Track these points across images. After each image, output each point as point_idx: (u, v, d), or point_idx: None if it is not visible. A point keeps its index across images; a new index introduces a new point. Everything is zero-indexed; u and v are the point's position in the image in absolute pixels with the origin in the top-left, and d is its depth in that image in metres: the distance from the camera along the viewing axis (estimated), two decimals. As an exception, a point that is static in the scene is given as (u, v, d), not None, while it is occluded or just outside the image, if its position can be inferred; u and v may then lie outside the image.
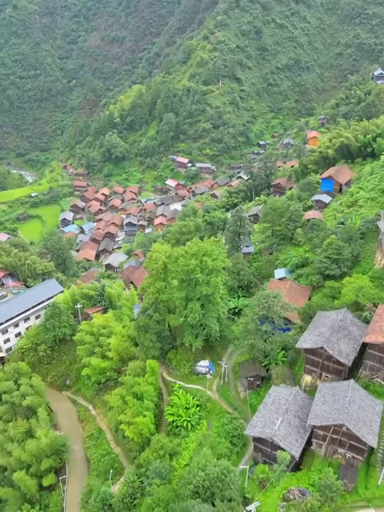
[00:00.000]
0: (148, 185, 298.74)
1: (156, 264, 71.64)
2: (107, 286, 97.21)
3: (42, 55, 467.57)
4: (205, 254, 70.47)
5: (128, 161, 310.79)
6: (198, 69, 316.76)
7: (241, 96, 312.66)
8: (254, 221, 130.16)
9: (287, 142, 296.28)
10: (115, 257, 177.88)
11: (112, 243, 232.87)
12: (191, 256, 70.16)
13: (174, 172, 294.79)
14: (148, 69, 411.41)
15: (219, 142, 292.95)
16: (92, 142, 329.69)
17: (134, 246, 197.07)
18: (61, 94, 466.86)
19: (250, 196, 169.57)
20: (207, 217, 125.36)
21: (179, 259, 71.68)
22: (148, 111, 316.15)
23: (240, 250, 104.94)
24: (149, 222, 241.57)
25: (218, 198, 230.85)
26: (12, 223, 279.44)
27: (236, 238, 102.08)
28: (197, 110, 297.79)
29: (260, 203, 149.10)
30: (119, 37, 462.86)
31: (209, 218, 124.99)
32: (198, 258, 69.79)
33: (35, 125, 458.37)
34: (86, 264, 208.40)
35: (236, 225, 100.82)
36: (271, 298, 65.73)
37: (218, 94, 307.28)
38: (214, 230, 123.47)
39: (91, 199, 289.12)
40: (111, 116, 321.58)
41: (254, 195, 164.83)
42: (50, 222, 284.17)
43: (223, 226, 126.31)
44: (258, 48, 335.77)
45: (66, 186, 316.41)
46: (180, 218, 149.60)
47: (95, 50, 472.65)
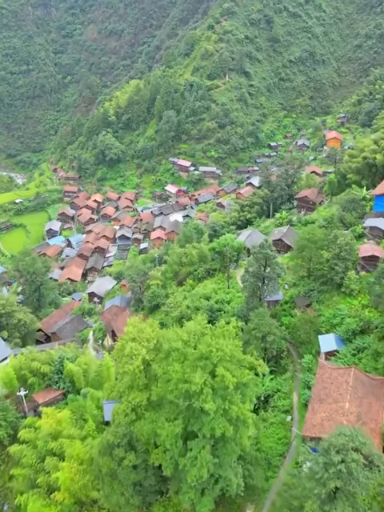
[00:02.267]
0: (146, 190, 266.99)
1: (130, 365, 39.47)
2: (68, 360, 65.03)
3: (34, 49, 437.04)
4: (221, 359, 37.93)
5: (124, 163, 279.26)
6: (202, 62, 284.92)
7: (250, 92, 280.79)
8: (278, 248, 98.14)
9: (302, 144, 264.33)
10: (101, 283, 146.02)
11: (102, 260, 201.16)
12: (194, 362, 37.83)
13: (174, 176, 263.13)
14: (148, 63, 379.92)
15: (225, 142, 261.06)
16: (85, 143, 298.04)
17: (126, 265, 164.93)
18: (55, 90, 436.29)
19: (266, 210, 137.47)
20: (215, 243, 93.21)
21: (172, 354, 39.49)
22: (146, 109, 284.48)
23: (264, 298, 72.94)
24: (145, 235, 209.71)
25: (226, 208, 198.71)
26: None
27: (259, 283, 69.97)
28: (201, 107, 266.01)
29: (282, 222, 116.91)
30: (117, 29, 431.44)
31: (218, 245, 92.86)
32: (207, 369, 37.38)
33: (27, 124, 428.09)
34: (69, 286, 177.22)
35: (260, 266, 68.69)
36: (349, 452, 33.30)
37: (224, 90, 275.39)
38: (224, 262, 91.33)
39: (82, 206, 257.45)
40: (105, 114, 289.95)
41: (272, 210, 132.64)
42: (35, 232, 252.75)
43: (237, 257, 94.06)
44: (268, 39, 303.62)
45: (55, 192, 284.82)
46: (179, 240, 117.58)
47: (92, 44, 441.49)
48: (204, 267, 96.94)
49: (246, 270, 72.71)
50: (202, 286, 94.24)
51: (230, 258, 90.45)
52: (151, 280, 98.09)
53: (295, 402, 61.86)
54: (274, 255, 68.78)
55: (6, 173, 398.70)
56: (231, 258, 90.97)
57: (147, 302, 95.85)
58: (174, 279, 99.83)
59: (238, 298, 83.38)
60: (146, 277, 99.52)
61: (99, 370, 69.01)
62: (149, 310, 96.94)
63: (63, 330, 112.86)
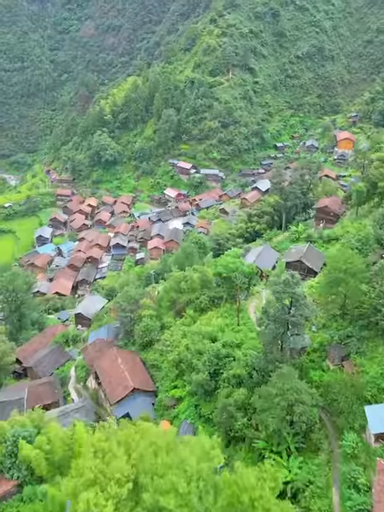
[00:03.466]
0: (143, 194, 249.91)
1: None
2: (25, 439, 47.77)
3: (29, 46, 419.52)
4: None
5: (120, 165, 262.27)
6: (204, 57, 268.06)
7: (254, 89, 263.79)
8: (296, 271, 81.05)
9: (310, 145, 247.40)
10: (90, 302, 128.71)
11: (94, 271, 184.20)
12: None
13: (174, 179, 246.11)
14: (147, 60, 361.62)
15: (229, 143, 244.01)
16: (79, 144, 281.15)
17: (118, 281, 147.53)
18: (50, 88, 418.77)
19: (278, 221, 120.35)
20: (222, 268, 76.02)
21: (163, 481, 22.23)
22: (144, 107, 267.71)
23: (287, 346, 55.81)
24: (141, 244, 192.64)
25: (230, 215, 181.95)
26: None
27: (283, 329, 52.83)
28: (202, 105, 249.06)
29: (298, 236, 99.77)
30: (115, 25, 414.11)
31: (224, 270, 75.65)
32: None
33: (21, 123, 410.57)
34: (57, 302, 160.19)
35: (283, 308, 51.54)
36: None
37: (227, 87, 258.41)
38: (232, 291, 74.40)
39: (75, 211, 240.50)
40: (101, 113, 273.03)
41: (284, 221, 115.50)
42: (24, 239, 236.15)
43: (248, 285, 76.92)
44: (274, 33, 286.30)
45: (47, 195, 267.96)
46: (178, 258, 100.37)
47: (89, 40, 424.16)
48: (207, 295, 79.82)
49: (263, 310, 55.43)
50: (205, 318, 77.18)
51: (240, 284, 73.24)
52: (143, 310, 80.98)
53: (336, 503, 44.81)
54: (303, 295, 51.53)
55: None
56: (241, 286, 73.73)
57: (138, 338, 78.76)
58: (171, 309, 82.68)
59: (251, 339, 66.25)
60: (138, 305, 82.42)
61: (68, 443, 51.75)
62: (140, 347, 79.88)
63: (41, 363, 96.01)
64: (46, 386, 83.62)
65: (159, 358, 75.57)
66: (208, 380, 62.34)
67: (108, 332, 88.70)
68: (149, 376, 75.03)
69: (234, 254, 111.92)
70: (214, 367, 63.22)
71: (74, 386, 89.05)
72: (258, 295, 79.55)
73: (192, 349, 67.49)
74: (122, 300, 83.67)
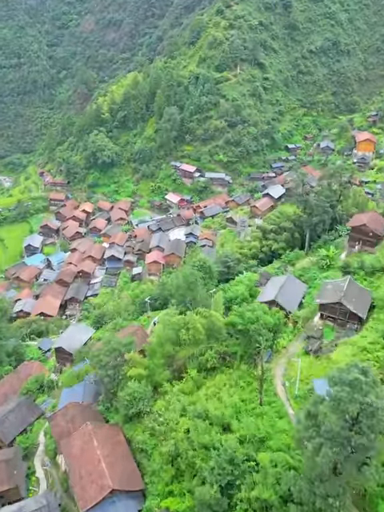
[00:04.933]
0: (143, 199, 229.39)
1: None
2: None
3: (26, 41, 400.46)
4: None
5: (118, 168, 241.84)
6: (210, 51, 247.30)
7: (264, 86, 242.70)
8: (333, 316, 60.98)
9: (326, 146, 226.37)
10: (75, 332, 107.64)
11: (85, 288, 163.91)
12: None
13: (176, 183, 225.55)
14: (149, 56, 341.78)
15: (236, 144, 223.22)
16: (75, 144, 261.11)
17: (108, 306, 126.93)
18: (48, 86, 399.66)
19: (298, 239, 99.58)
20: (237, 317, 55.49)
21: None
22: (145, 105, 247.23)
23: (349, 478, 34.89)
24: (139, 257, 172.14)
25: (238, 225, 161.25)
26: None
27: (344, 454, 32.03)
28: (207, 102, 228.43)
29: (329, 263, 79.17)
30: (116, 20, 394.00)
31: (240, 319, 55.00)
32: None
33: (17, 122, 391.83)
34: (42, 325, 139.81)
35: (346, 423, 30.75)
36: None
37: (235, 83, 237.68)
38: (249, 347, 53.73)
39: (68, 218, 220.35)
40: (98, 111, 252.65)
41: (308, 240, 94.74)
42: (13, 248, 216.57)
43: (272, 341, 56.08)
44: (286, 26, 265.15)
45: (40, 199, 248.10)
46: (179, 288, 79.48)
47: (89, 36, 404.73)
48: (216, 350, 59.23)
49: (307, 412, 34.78)
50: (212, 385, 56.63)
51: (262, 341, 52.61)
52: (129, 368, 60.41)
53: None
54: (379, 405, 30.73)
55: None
56: (266, 346, 53.05)
57: (122, 408, 58.20)
58: (168, 365, 61.92)
59: (280, 432, 45.67)
60: (123, 359, 61.86)
61: None
62: (125, 418, 59.26)
63: (3, 423, 75.80)
64: (2, 465, 63.37)
65: (149, 440, 55.01)
66: (218, 498, 42.12)
67: (85, 391, 68.07)
68: (135, 465, 54.63)
69: (248, 280, 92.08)
70: (226, 477, 42.89)
71: (41, 459, 68.70)
72: (285, 352, 58.80)
73: (195, 441, 47.05)
74: (103, 352, 63.10)
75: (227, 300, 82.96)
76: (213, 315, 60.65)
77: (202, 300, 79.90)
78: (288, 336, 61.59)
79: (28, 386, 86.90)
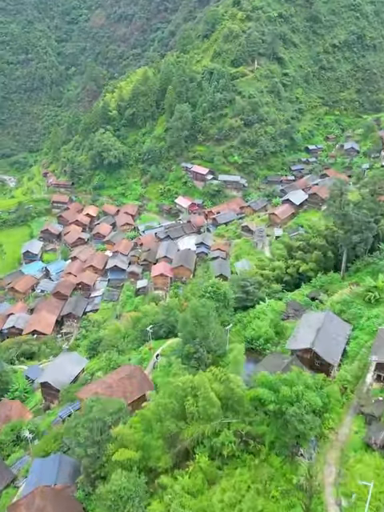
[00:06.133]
0: (151, 203, 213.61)
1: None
2: None
3: (35, 36, 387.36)
4: None
5: (125, 169, 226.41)
6: (225, 44, 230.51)
7: (283, 82, 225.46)
8: None
9: (350, 147, 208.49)
10: (64, 363, 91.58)
11: (85, 302, 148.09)
12: None
13: (187, 186, 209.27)
14: (160, 52, 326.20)
15: (253, 145, 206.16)
16: (81, 143, 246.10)
17: (109, 329, 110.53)
18: (56, 83, 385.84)
19: (332, 258, 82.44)
20: (266, 392, 38.54)
21: None
22: (155, 102, 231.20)
23: None
24: (145, 268, 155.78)
25: (255, 236, 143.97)
26: None
27: None
28: (222, 99, 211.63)
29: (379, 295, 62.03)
30: (128, 14, 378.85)
31: (270, 394, 38.08)
32: None
33: (24, 120, 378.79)
34: (33, 345, 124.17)
35: None
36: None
37: (251, 79, 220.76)
38: (284, 432, 36.39)
39: (71, 222, 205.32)
40: (105, 108, 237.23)
41: (345, 261, 77.63)
42: (11, 254, 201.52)
43: (319, 430, 38.85)
44: (307, 18, 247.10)
45: (42, 201, 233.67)
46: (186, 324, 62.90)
47: (99, 31, 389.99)
48: (235, 429, 42.43)
49: None
50: (230, 484, 39.94)
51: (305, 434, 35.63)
52: (116, 448, 43.95)
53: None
54: None
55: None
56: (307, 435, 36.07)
57: (105, 509, 41.72)
58: (168, 446, 45.25)
59: None
60: (107, 437, 45.41)
61: None
62: (109, 520, 42.68)
63: None
64: None
65: None
66: None
67: (61, 466, 51.63)
68: None
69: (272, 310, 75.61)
70: None
71: None
72: (335, 438, 41.71)
73: None
74: (82, 423, 46.67)
75: (247, 340, 66.53)
76: (231, 380, 43.88)
77: (215, 338, 63.86)
78: (334, 407, 44.34)
79: (0, 437, 71.08)
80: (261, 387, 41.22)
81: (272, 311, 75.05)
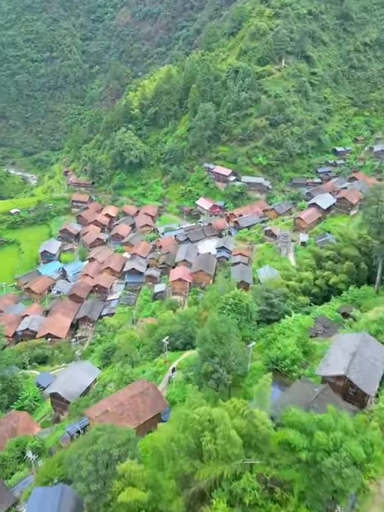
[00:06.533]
0: (171, 204, 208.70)
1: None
2: None
3: (60, 34, 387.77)
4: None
5: (147, 169, 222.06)
6: (252, 42, 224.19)
7: (311, 81, 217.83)
8: None
9: (380, 150, 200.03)
10: (75, 373, 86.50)
11: (101, 306, 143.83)
12: None
13: (209, 187, 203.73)
14: (185, 50, 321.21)
15: (278, 146, 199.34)
16: (102, 142, 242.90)
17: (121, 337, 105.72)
18: (80, 81, 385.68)
19: (366, 271, 75.73)
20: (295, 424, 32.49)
21: None
22: (178, 100, 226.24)
23: None
24: (163, 272, 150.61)
25: (279, 241, 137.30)
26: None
27: None
28: (247, 99, 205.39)
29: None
30: (153, 12, 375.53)
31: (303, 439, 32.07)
32: None
33: (47, 118, 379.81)
34: (46, 349, 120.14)
35: None
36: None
37: (278, 78, 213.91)
38: (317, 484, 30.21)
39: (90, 222, 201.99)
40: (127, 106, 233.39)
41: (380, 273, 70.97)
42: (29, 253, 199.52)
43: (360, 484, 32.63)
44: (338, 15, 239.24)
45: (62, 200, 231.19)
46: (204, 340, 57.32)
47: (123, 29, 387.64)
48: (259, 473, 36.59)
49: None
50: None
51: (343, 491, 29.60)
52: (122, 487, 38.65)
53: None
54: None
55: (21, 173, 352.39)
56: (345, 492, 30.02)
57: None
58: (182, 487, 39.71)
59: None
60: (113, 472, 40.20)
61: None
62: None
63: None
64: None
65: None
66: None
67: (62, 499, 46.56)
68: None
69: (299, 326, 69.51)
70: None
71: None
72: (377, 490, 35.44)
73: None
74: (85, 456, 41.49)
75: (271, 360, 60.50)
76: (256, 415, 37.99)
77: (236, 356, 58.30)
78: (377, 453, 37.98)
79: (4, 453, 66.67)
80: (290, 428, 35.31)
81: (299, 327, 68.87)
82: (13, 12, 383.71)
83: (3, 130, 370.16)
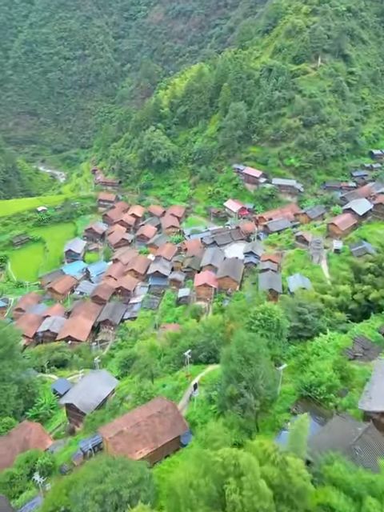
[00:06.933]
0: (199, 205, 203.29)
1: None
2: None
3: (92, 32, 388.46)
4: None
5: (175, 169, 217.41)
6: (288, 40, 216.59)
7: (348, 81, 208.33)
8: None
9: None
10: (92, 383, 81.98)
11: (123, 309, 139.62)
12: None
13: (238, 189, 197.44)
14: (218, 48, 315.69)
15: (311, 147, 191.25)
16: (130, 141, 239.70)
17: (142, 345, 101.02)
18: (111, 79, 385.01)
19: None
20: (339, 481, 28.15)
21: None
22: (209, 99, 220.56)
23: None
24: (187, 276, 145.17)
25: (311, 248, 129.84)
26: (2, 249, 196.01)
27: None
28: (281, 98, 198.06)
29: None
30: (186, 10, 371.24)
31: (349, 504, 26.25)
32: None
33: (77, 116, 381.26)
34: (66, 352, 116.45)
35: None
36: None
37: (314, 77, 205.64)
38: None
39: (115, 221, 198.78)
40: (157, 105, 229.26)
41: None
42: (54, 251, 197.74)
43: None
44: (378, 13, 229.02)
45: (89, 199, 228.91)
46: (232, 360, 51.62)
47: (156, 27, 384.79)
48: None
49: None
50: None
51: None
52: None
53: None
54: None
55: (50, 170, 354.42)
56: None
57: None
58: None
59: None
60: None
61: None
62: None
63: None
64: None
65: None
66: None
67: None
68: None
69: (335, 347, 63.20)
70: None
71: None
72: None
73: None
74: (92, 495, 36.58)
75: (304, 386, 54.42)
76: (290, 464, 32.24)
77: (265, 380, 52.66)
78: None
79: (13, 470, 62.57)
80: (333, 487, 29.39)
81: (334, 347, 62.46)
82: (47, 10, 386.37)
83: (34, 127, 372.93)
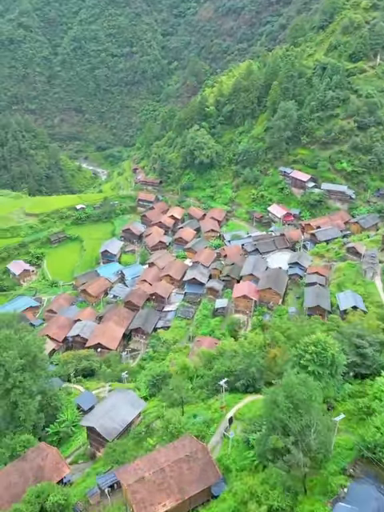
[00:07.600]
0: (241, 209, 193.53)
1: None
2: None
3: (141, 29, 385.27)
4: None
5: (217, 170, 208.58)
6: (344, 37, 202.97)
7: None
8: None
9: None
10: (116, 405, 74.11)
11: (156, 316, 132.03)
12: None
13: (283, 193, 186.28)
14: (268, 46, 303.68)
15: (366, 151, 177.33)
16: (173, 140, 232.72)
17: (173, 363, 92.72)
18: (157, 77, 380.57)
19: None
20: None
21: None
22: (257, 98, 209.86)
23: None
24: (226, 285, 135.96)
25: (365, 262, 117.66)
26: (39, 247, 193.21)
27: None
28: (334, 98, 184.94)
29: None
30: (237, 7, 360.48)
31: None
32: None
33: (122, 113, 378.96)
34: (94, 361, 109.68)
35: None
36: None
37: (371, 76, 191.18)
38: None
39: (154, 223, 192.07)
40: (203, 103, 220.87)
41: None
42: (91, 251, 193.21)
43: None
44: None
45: (128, 198, 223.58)
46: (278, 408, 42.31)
47: (205, 25, 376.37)
48: None
49: None
50: None
51: None
52: None
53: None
54: None
55: (93, 168, 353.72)
56: None
57: None
58: None
59: None
60: None
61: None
62: None
63: None
64: None
65: None
66: None
67: None
68: None
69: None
70: None
71: None
72: None
73: None
74: None
75: (366, 444, 44.39)
76: None
77: (318, 433, 43.31)
78: None
79: (21, 507, 55.38)
80: None
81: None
82: (97, 6, 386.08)
83: (79, 123, 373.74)
